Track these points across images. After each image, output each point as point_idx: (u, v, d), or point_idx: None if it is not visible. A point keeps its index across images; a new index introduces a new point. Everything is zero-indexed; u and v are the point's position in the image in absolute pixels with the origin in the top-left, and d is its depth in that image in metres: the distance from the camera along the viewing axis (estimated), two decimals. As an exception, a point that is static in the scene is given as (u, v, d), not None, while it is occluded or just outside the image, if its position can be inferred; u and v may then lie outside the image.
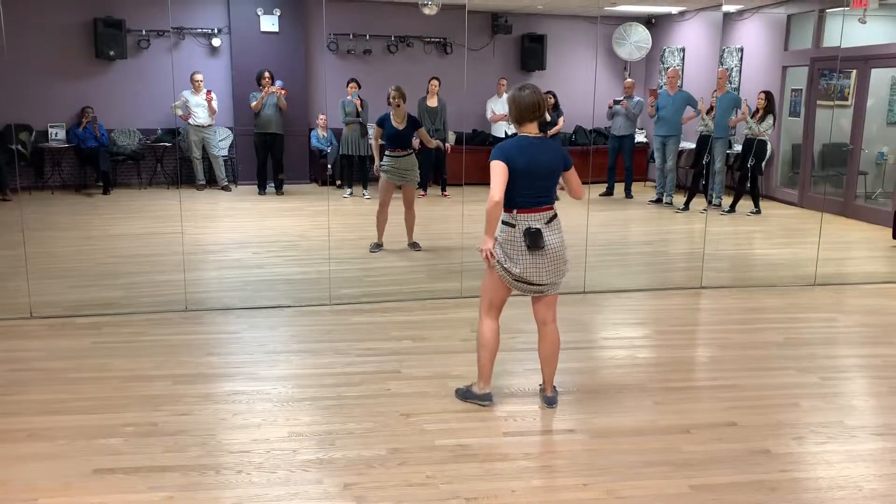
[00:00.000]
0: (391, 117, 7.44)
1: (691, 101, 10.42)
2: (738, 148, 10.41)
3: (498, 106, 11.69)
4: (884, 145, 10.39)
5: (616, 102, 11.33)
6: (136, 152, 11.43)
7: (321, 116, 11.70)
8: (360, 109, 10.70)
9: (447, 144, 10.98)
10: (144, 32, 11.35)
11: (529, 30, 12.78)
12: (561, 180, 3.99)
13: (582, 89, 12.01)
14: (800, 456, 3.63)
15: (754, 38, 11.31)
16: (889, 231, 8.44)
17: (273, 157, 11.14)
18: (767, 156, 10.07)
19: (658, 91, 11.36)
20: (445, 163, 11.02)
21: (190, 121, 11.11)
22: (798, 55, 10.64)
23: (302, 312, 5.71)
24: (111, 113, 11.29)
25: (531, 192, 3.82)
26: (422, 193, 10.70)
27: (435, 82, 10.77)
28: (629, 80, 11.63)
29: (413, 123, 7.52)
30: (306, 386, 4.33)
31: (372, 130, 10.87)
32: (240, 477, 3.34)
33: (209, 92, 11.15)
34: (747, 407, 4.12)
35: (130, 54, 11.31)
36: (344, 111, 10.79)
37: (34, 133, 10.97)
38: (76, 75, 11.23)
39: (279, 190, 11.19)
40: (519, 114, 3.86)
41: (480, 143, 12.18)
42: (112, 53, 11.10)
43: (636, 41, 11.62)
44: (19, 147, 10.57)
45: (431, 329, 5.33)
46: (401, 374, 4.49)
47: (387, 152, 7.49)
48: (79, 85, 11.22)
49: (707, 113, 10.20)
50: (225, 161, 11.62)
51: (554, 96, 11.52)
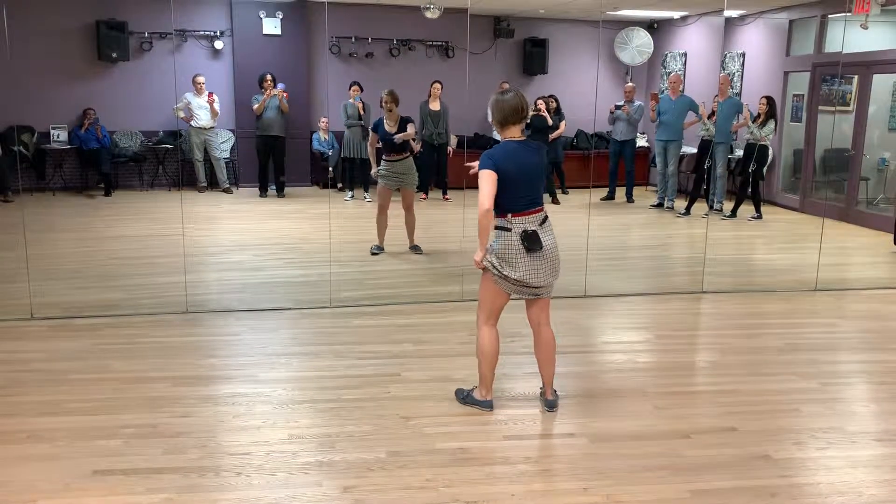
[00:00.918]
0: (384, 122, 7.44)
1: (693, 106, 10.43)
2: (740, 153, 10.41)
3: (499, 110, 11.68)
4: (885, 151, 10.39)
5: (617, 107, 11.34)
6: (138, 154, 11.45)
7: (323, 119, 11.72)
8: (362, 112, 10.71)
9: (449, 148, 11.00)
10: (147, 35, 11.37)
11: (531, 34, 12.80)
12: None
13: (584, 93, 12.03)
14: (800, 461, 3.63)
15: (756, 44, 11.32)
16: (890, 237, 8.43)
17: (274, 160, 11.15)
18: (769, 161, 10.07)
19: (660, 96, 11.37)
20: (447, 166, 11.01)
21: (192, 123, 11.13)
22: (800, 60, 10.64)
23: (302, 315, 5.71)
24: (113, 115, 11.30)
25: (523, 196, 3.83)
26: (423, 196, 10.71)
27: (437, 86, 10.78)
28: (630, 85, 11.64)
29: (403, 125, 7.53)
30: (306, 388, 4.33)
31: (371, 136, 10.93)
32: (239, 479, 3.34)
33: (211, 94, 11.17)
34: (748, 412, 4.12)
35: (133, 56, 11.33)
36: (346, 114, 10.80)
37: (36, 134, 10.98)
38: (78, 77, 11.25)
39: (280, 192, 11.20)
40: (503, 117, 3.87)
41: (482, 147, 12.19)
42: (114, 55, 11.12)
43: (638, 46, 11.63)
44: (21, 148, 10.58)
45: (432, 332, 5.32)
46: (401, 378, 4.49)
47: (384, 157, 7.49)
48: (81, 87, 11.24)
49: (709, 118, 10.22)
50: (226, 163, 11.64)
51: (556, 100, 11.54)
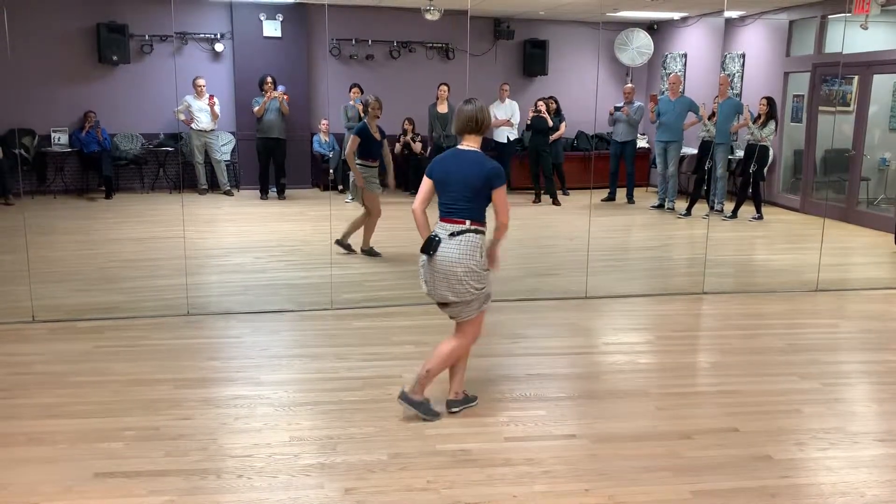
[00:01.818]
0: (369, 128, 7.41)
1: (693, 107, 10.43)
2: (740, 154, 10.41)
3: (500, 111, 11.71)
4: (886, 151, 10.39)
5: (617, 109, 11.34)
6: (139, 157, 11.46)
7: (323, 121, 11.72)
8: (363, 114, 10.69)
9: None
10: (147, 37, 11.38)
11: (531, 35, 12.80)
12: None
13: (584, 95, 12.04)
14: (801, 462, 3.63)
15: (756, 44, 11.32)
16: (891, 237, 8.43)
17: (275, 162, 11.15)
18: (769, 161, 10.07)
19: (659, 97, 11.37)
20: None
21: (192, 125, 11.13)
22: (800, 61, 10.64)
23: (303, 317, 5.71)
24: (114, 117, 11.31)
25: (444, 203, 3.89)
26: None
27: (444, 88, 10.79)
28: (629, 86, 11.64)
29: (383, 134, 7.55)
30: (308, 390, 4.33)
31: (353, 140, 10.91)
32: (241, 481, 3.34)
33: (212, 97, 11.17)
34: (749, 412, 4.12)
35: (133, 59, 11.34)
36: (346, 116, 10.80)
37: (37, 137, 10.98)
38: (79, 80, 11.26)
39: (281, 195, 11.20)
40: (458, 125, 3.95)
41: (482, 149, 12.16)
42: (115, 58, 11.13)
43: (638, 47, 11.64)
44: (22, 151, 10.59)
45: (433, 334, 5.31)
46: (402, 379, 4.48)
47: (365, 163, 7.40)
48: (82, 89, 11.24)
49: (709, 119, 10.22)
50: (227, 166, 11.64)
51: (556, 102, 11.55)
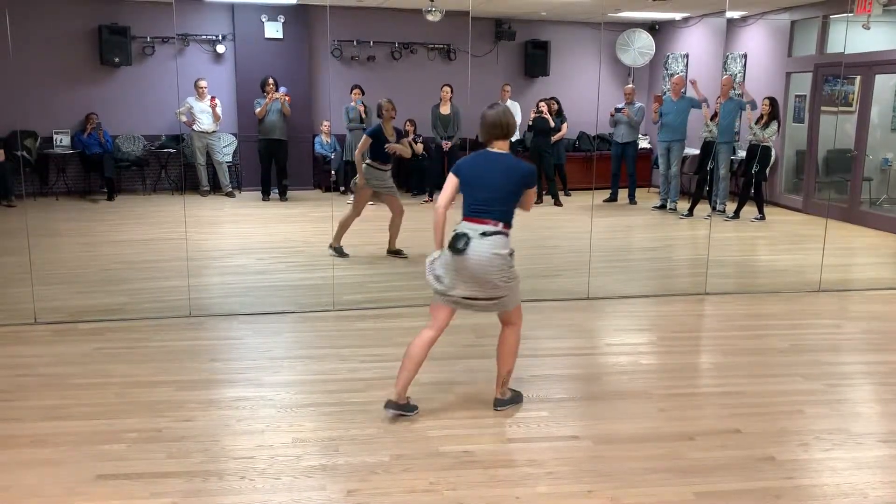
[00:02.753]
0: (383, 130, 7.41)
1: (695, 104, 10.42)
2: (742, 154, 10.40)
3: (501, 112, 11.67)
4: (888, 151, 10.38)
5: (617, 110, 11.33)
6: (141, 158, 11.47)
7: (325, 123, 11.72)
8: (364, 115, 10.72)
9: (445, 143, 10.87)
10: (149, 39, 11.39)
11: (533, 36, 12.80)
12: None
13: (586, 95, 12.02)
14: (805, 463, 3.62)
15: (758, 45, 11.31)
16: (894, 237, 8.42)
17: (277, 164, 11.16)
18: (771, 162, 10.06)
19: (662, 97, 11.37)
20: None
21: (194, 127, 11.14)
22: (802, 61, 10.63)
23: (305, 318, 5.71)
24: (116, 119, 11.33)
25: (473, 202, 3.86)
26: (427, 199, 10.72)
27: (447, 89, 10.79)
28: (629, 87, 11.63)
29: (399, 135, 7.55)
30: (310, 392, 4.33)
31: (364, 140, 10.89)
32: (243, 483, 3.34)
33: (213, 98, 11.18)
34: (752, 414, 4.11)
35: (135, 61, 11.35)
36: (348, 117, 10.81)
37: (39, 139, 11.00)
38: (81, 82, 11.27)
39: (283, 196, 11.21)
40: (484, 131, 3.95)
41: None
42: (117, 60, 11.14)
43: (640, 47, 11.64)
44: (24, 153, 10.60)
45: (435, 335, 5.31)
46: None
47: (376, 165, 7.38)
48: (84, 91, 11.26)
49: (711, 119, 10.21)
50: (229, 167, 11.65)
51: (557, 102, 11.55)
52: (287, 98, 10.99)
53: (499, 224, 3.83)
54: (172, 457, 3.55)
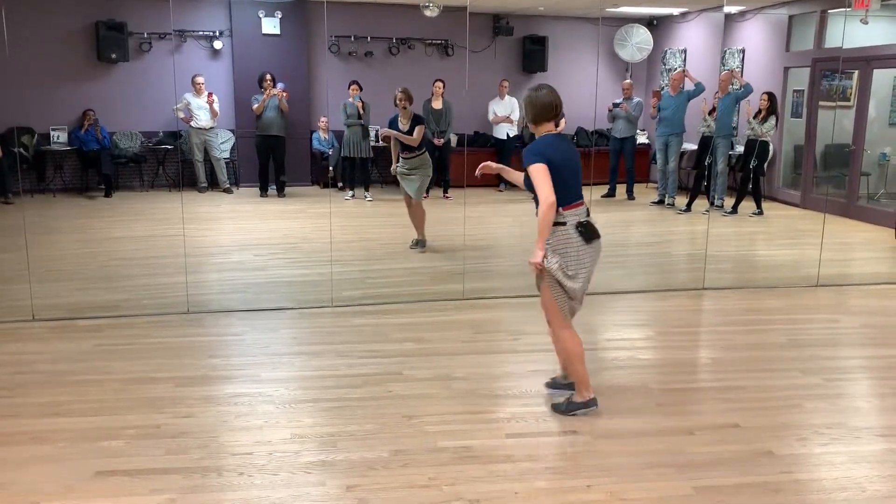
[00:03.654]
0: (399, 120, 7.47)
1: (692, 93, 10.41)
2: (741, 149, 10.40)
3: (499, 108, 11.70)
4: (886, 146, 10.38)
5: (615, 105, 11.33)
6: (138, 155, 11.45)
7: (323, 119, 11.71)
8: (362, 111, 10.70)
9: (440, 141, 10.87)
10: (146, 35, 11.37)
11: (531, 31, 12.78)
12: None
13: (583, 91, 11.99)
14: (803, 457, 3.62)
15: (756, 39, 11.30)
16: (891, 232, 8.43)
17: (275, 160, 11.15)
18: (769, 157, 10.07)
19: (660, 92, 11.36)
20: (449, 165, 11.00)
21: (192, 123, 11.12)
22: (800, 56, 10.63)
23: (304, 314, 5.70)
24: (113, 116, 11.30)
25: (572, 188, 3.82)
26: (424, 195, 10.69)
27: (439, 84, 10.77)
28: (627, 82, 11.62)
29: (416, 123, 7.53)
30: (308, 388, 4.33)
31: (373, 132, 10.90)
32: (242, 479, 3.34)
33: (211, 94, 11.16)
34: (750, 408, 4.11)
35: (132, 57, 11.33)
36: (345, 113, 10.79)
37: (36, 136, 10.97)
38: (78, 78, 11.25)
39: (281, 192, 11.20)
40: (535, 113, 3.88)
41: (482, 146, 12.18)
42: (114, 56, 11.12)
43: (638, 42, 11.62)
44: (21, 150, 10.58)
45: (433, 331, 5.32)
46: (403, 376, 4.49)
47: (400, 154, 7.58)
48: (81, 88, 11.23)
49: (709, 114, 10.21)
50: (227, 163, 11.63)
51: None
52: (285, 94, 10.97)
53: (585, 202, 3.90)
54: (171, 453, 3.55)
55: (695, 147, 10.74)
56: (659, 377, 4.59)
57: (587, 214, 3.89)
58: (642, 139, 12.54)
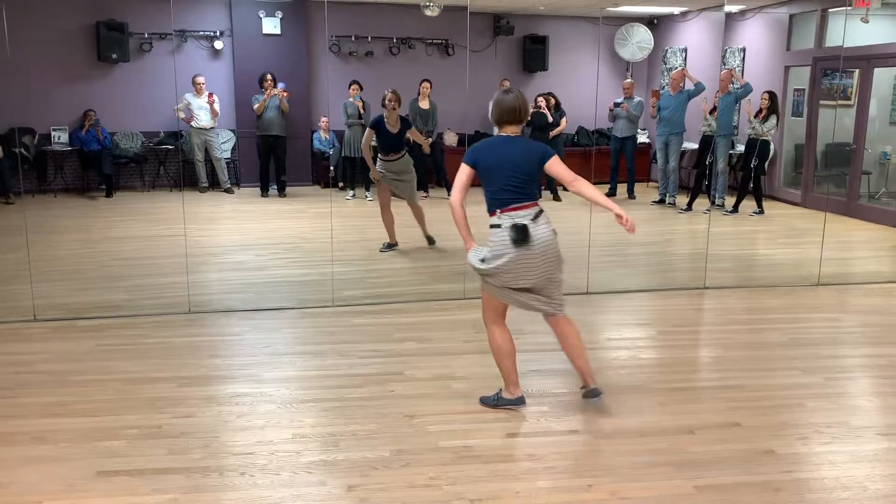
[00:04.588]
0: (385, 121, 7.43)
1: (692, 93, 10.40)
2: (741, 148, 10.40)
3: (500, 107, 11.67)
4: (887, 145, 10.37)
5: (616, 105, 11.32)
6: (139, 155, 11.45)
7: (323, 118, 11.71)
8: (363, 111, 10.70)
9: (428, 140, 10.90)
10: (147, 35, 11.37)
11: (531, 31, 12.78)
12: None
13: (584, 90, 12.01)
14: (804, 456, 3.62)
15: (756, 38, 11.30)
16: (892, 230, 8.42)
17: (275, 160, 11.15)
18: (770, 156, 10.06)
19: (660, 92, 11.35)
20: (443, 163, 10.99)
21: (192, 123, 11.12)
22: (800, 55, 10.62)
23: (305, 314, 5.71)
24: (114, 116, 11.31)
25: (508, 190, 3.81)
26: (424, 195, 10.70)
27: (426, 84, 10.78)
28: (628, 81, 11.62)
29: (405, 125, 7.54)
30: (309, 388, 4.33)
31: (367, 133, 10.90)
32: (243, 479, 3.34)
33: (211, 94, 11.16)
34: (751, 407, 4.11)
35: (133, 57, 11.33)
36: (346, 113, 10.79)
37: (37, 136, 10.99)
38: (79, 78, 11.25)
39: (282, 192, 11.20)
40: (498, 115, 3.93)
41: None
42: (115, 56, 11.12)
43: (638, 42, 11.60)
44: (22, 150, 10.59)
45: (434, 330, 5.32)
46: (404, 376, 4.49)
47: (380, 156, 7.48)
48: (81, 88, 11.24)
49: (710, 113, 10.20)
50: (227, 163, 11.63)
51: (554, 97, 11.52)
52: (285, 94, 10.97)
53: (536, 203, 3.87)
54: (172, 453, 3.55)
55: (696, 146, 10.74)
56: (660, 376, 4.59)
57: (535, 218, 3.80)
58: (643, 138, 12.54)
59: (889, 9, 9.40)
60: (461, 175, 3.89)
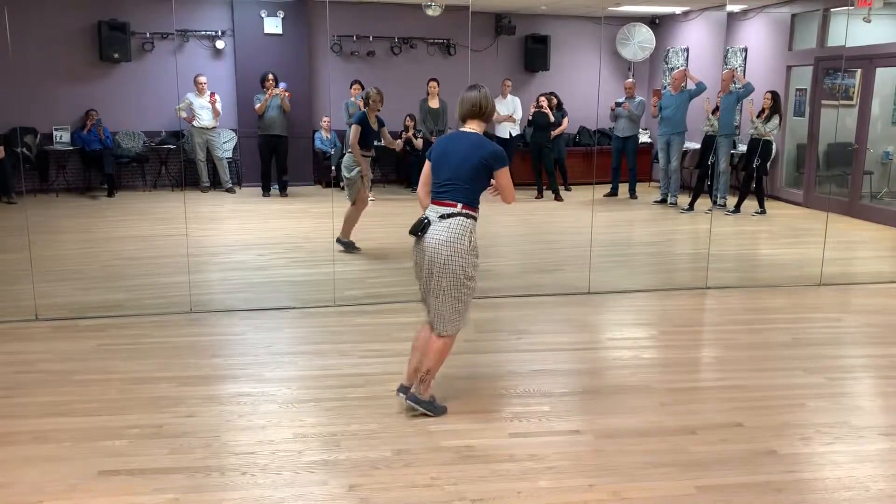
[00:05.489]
0: (368, 119, 7.45)
1: (694, 93, 10.39)
2: (743, 148, 10.39)
3: (502, 107, 11.68)
4: (889, 145, 10.36)
5: (618, 104, 11.32)
6: (141, 155, 11.46)
7: (325, 118, 11.71)
8: (363, 109, 10.68)
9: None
10: (148, 35, 11.37)
11: (533, 30, 12.77)
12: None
13: (586, 90, 12.01)
14: (806, 457, 3.62)
15: (758, 38, 11.29)
16: (895, 231, 8.40)
17: (277, 159, 11.15)
18: (772, 156, 10.05)
19: (661, 91, 11.35)
20: None
21: (194, 123, 11.13)
22: (802, 55, 10.61)
23: (306, 314, 5.71)
24: (115, 115, 11.31)
25: (438, 183, 3.82)
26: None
27: (433, 84, 10.78)
28: (629, 81, 11.61)
29: (381, 123, 7.61)
30: (311, 387, 4.33)
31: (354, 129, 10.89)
32: (244, 478, 3.34)
33: (213, 94, 11.16)
34: (753, 407, 4.11)
35: (135, 57, 11.33)
36: (347, 113, 10.79)
37: (39, 136, 10.99)
38: (81, 78, 11.26)
39: (283, 192, 11.20)
40: (461, 111, 3.90)
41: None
42: (116, 56, 11.12)
43: (640, 41, 11.60)
44: (24, 150, 10.59)
45: (436, 330, 5.31)
46: (405, 376, 4.47)
47: (362, 152, 7.47)
48: (83, 88, 11.24)
49: (712, 113, 10.19)
50: (229, 163, 11.64)
51: (556, 97, 11.53)
52: (287, 94, 10.98)
53: (457, 205, 3.74)
54: (174, 452, 3.55)
55: (697, 146, 10.73)
56: (662, 376, 4.58)
57: (442, 216, 3.73)
58: (645, 138, 12.54)
59: (891, 8, 9.39)
60: (424, 169, 3.95)
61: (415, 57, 12.37)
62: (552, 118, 11.07)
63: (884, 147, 10.33)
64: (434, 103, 10.80)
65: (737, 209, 9.96)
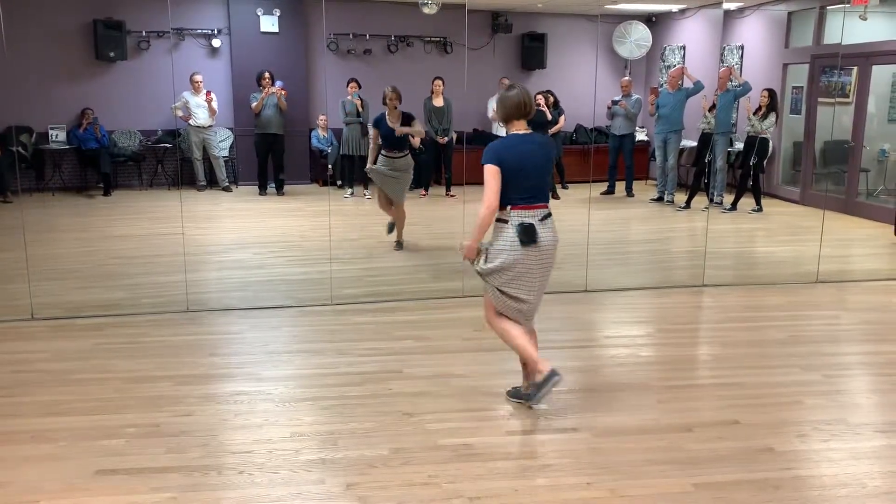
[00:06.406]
0: (387, 118, 7.44)
1: (691, 91, 10.40)
2: (740, 146, 10.40)
3: (499, 105, 11.67)
4: (885, 142, 10.37)
5: (614, 103, 11.32)
6: (137, 153, 11.43)
7: (322, 117, 11.70)
8: (361, 109, 10.70)
9: (444, 139, 10.87)
10: (144, 34, 11.35)
11: (529, 28, 12.77)
12: None
13: (582, 88, 12.00)
14: (803, 454, 3.62)
15: (755, 36, 11.30)
16: (891, 228, 8.42)
17: (274, 158, 11.13)
18: (769, 154, 10.06)
19: (659, 89, 11.35)
20: (451, 162, 10.99)
21: (190, 122, 11.11)
22: (799, 52, 10.62)
23: (303, 313, 5.70)
24: (112, 114, 11.29)
25: (524, 189, 3.78)
26: (423, 193, 10.70)
27: (438, 82, 10.78)
28: (626, 79, 11.62)
29: (407, 121, 7.52)
30: (308, 386, 4.33)
31: (372, 130, 10.90)
32: (242, 477, 3.34)
33: (209, 93, 11.14)
34: (750, 405, 4.11)
35: (130, 55, 11.31)
36: (344, 111, 10.79)
37: (35, 135, 10.96)
38: (77, 77, 11.23)
39: (280, 190, 11.19)
40: (505, 113, 3.90)
41: (481, 143, 12.16)
42: (112, 55, 11.10)
43: (637, 39, 11.60)
44: (20, 149, 10.57)
45: (433, 329, 5.32)
46: (403, 374, 4.49)
47: (383, 153, 7.48)
48: (79, 86, 11.22)
49: (709, 111, 10.20)
50: (225, 162, 11.62)
51: (553, 95, 11.52)
52: (283, 92, 10.96)
53: (547, 205, 3.89)
54: (171, 451, 3.55)
55: (694, 144, 10.73)
56: (659, 374, 4.59)
57: (542, 219, 3.80)
58: (641, 136, 12.54)
59: (887, 6, 9.40)
60: (492, 178, 3.74)
61: (411, 55, 12.36)
62: (549, 116, 11.06)
63: (880, 144, 10.35)
64: (439, 101, 10.80)
65: (733, 207, 9.98)
